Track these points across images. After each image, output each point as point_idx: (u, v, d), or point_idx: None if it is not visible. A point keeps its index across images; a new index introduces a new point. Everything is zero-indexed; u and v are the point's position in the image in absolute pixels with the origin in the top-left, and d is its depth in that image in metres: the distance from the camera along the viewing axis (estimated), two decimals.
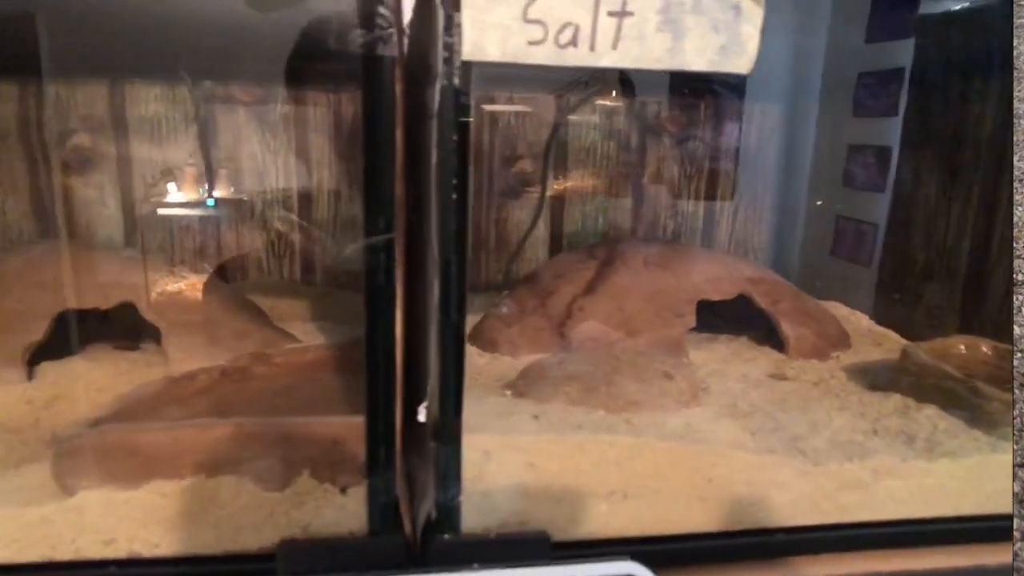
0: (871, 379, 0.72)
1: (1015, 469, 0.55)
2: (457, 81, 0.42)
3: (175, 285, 0.78)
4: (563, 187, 1.13)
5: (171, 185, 1.04)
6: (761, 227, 1.19)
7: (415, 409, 0.48)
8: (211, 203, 1.04)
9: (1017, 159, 0.78)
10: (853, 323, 0.92)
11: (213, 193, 1.05)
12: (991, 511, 0.54)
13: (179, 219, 1.06)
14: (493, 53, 0.42)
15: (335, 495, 0.49)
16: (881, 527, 0.53)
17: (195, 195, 1.04)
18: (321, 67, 1.03)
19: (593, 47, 0.43)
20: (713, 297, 0.82)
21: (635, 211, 1.17)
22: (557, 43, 0.43)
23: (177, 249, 1.05)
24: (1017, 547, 0.51)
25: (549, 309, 0.81)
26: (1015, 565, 0.51)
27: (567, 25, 0.43)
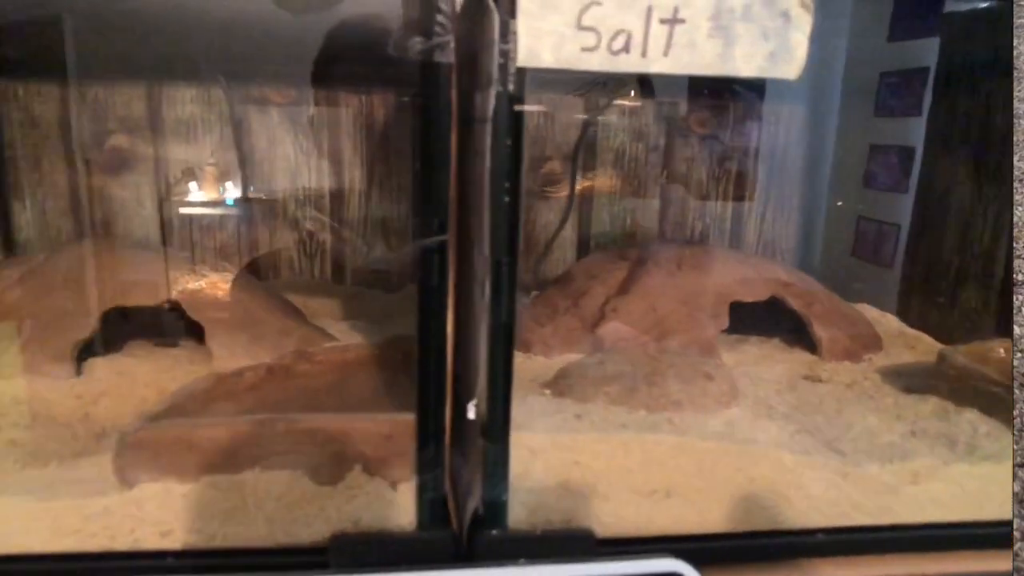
0: (906, 382, 0.72)
1: (1015, 469, 0.55)
2: (512, 87, 0.43)
3: (215, 283, 0.80)
4: (590, 188, 1.14)
5: (202, 185, 1.06)
6: (788, 228, 1.19)
7: (462, 407, 0.49)
8: (230, 202, 1.06)
9: (1017, 159, 0.78)
10: (884, 325, 0.92)
11: (248, 192, 1.07)
12: None
13: (212, 218, 1.08)
14: (547, 59, 0.43)
15: (385, 490, 0.50)
16: (923, 529, 0.53)
17: (224, 194, 1.06)
18: (354, 69, 1.04)
19: (645, 53, 0.44)
20: (746, 299, 0.82)
21: (662, 212, 1.17)
22: (610, 50, 0.43)
23: (214, 248, 1.07)
24: (1017, 547, 0.52)
25: (582, 310, 0.82)
26: (1015, 565, 0.51)
27: (620, 32, 0.43)
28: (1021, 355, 0.64)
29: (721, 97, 1.12)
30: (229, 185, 1.07)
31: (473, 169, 0.47)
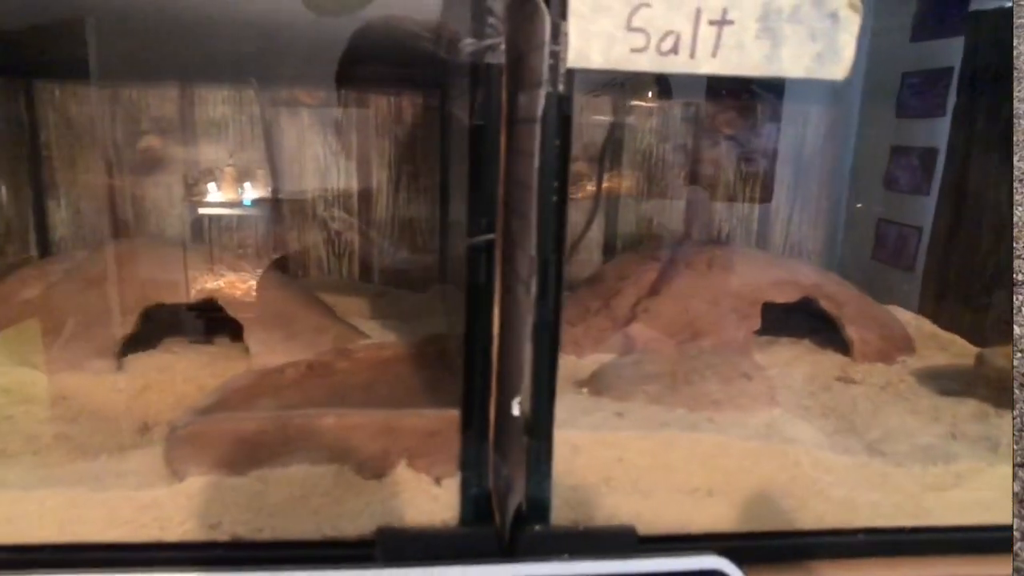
0: (942, 384, 0.72)
1: (1015, 469, 0.55)
2: (562, 88, 0.44)
3: (252, 281, 0.81)
4: (616, 188, 1.14)
5: (231, 185, 1.08)
6: (810, 230, 1.19)
7: (506, 404, 0.50)
8: (248, 203, 1.08)
9: (1017, 159, 0.77)
10: (916, 328, 0.91)
11: (279, 192, 1.08)
12: None
13: (243, 218, 1.10)
14: (597, 60, 0.44)
15: (430, 486, 0.51)
16: (965, 532, 0.53)
17: (254, 194, 1.08)
18: (384, 70, 1.05)
19: (693, 55, 0.44)
20: (777, 300, 0.82)
21: (688, 213, 1.17)
22: (659, 51, 0.44)
23: (253, 245, 1.09)
24: (1017, 547, 0.52)
25: (613, 310, 0.82)
26: (1016, 565, 0.51)
27: (669, 33, 0.44)
28: (1021, 355, 0.64)
29: (738, 97, 1.12)
30: (258, 186, 1.09)
31: (519, 169, 0.47)
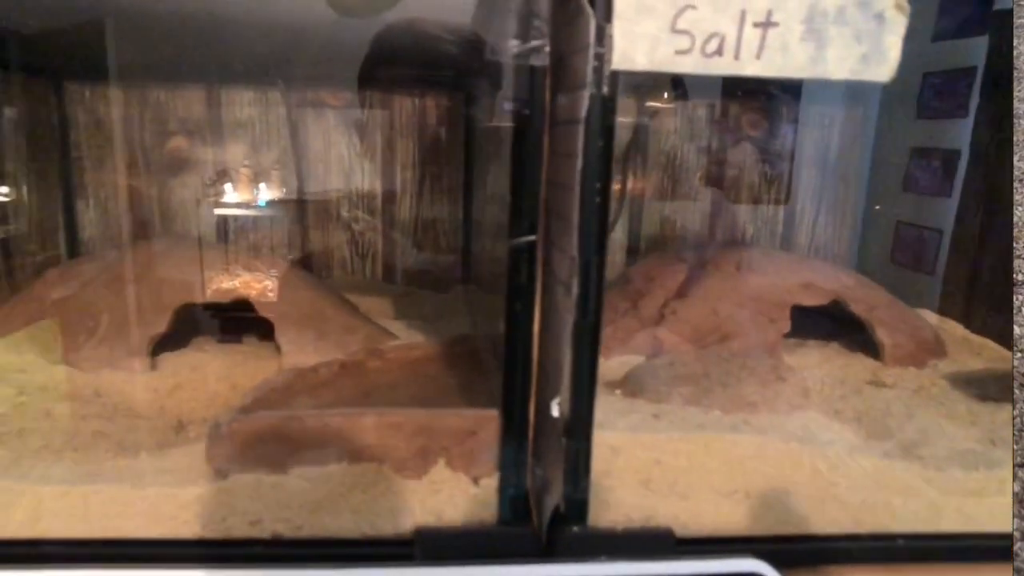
0: (977, 388, 0.71)
1: (1015, 469, 0.54)
2: (606, 90, 0.44)
3: (275, 281, 0.82)
4: (639, 190, 1.14)
5: (262, 186, 1.09)
6: (832, 232, 1.18)
7: (545, 404, 0.50)
8: (262, 203, 1.09)
9: (1017, 159, 0.76)
10: (947, 331, 0.90)
11: (304, 193, 1.09)
12: None
13: (265, 218, 1.11)
14: (641, 62, 0.44)
15: (468, 485, 0.51)
16: (1008, 539, 0.52)
17: (279, 195, 1.09)
18: (411, 73, 1.06)
19: (738, 56, 0.44)
20: (806, 302, 0.81)
21: (712, 215, 1.17)
22: (703, 52, 0.44)
23: (285, 245, 1.10)
24: (1017, 547, 0.51)
25: (641, 312, 0.82)
26: (1016, 565, 0.50)
27: (713, 35, 0.44)
28: (1021, 355, 0.63)
29: (754, 98, 1.12)
30: (286, 187, 1.10)
31: (559, 170, 0.48)
